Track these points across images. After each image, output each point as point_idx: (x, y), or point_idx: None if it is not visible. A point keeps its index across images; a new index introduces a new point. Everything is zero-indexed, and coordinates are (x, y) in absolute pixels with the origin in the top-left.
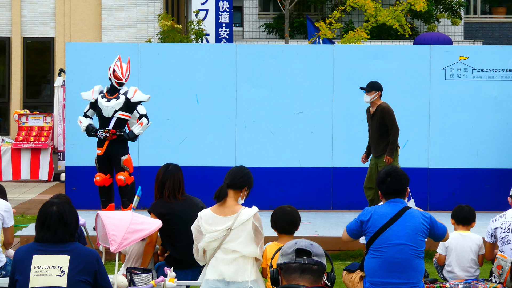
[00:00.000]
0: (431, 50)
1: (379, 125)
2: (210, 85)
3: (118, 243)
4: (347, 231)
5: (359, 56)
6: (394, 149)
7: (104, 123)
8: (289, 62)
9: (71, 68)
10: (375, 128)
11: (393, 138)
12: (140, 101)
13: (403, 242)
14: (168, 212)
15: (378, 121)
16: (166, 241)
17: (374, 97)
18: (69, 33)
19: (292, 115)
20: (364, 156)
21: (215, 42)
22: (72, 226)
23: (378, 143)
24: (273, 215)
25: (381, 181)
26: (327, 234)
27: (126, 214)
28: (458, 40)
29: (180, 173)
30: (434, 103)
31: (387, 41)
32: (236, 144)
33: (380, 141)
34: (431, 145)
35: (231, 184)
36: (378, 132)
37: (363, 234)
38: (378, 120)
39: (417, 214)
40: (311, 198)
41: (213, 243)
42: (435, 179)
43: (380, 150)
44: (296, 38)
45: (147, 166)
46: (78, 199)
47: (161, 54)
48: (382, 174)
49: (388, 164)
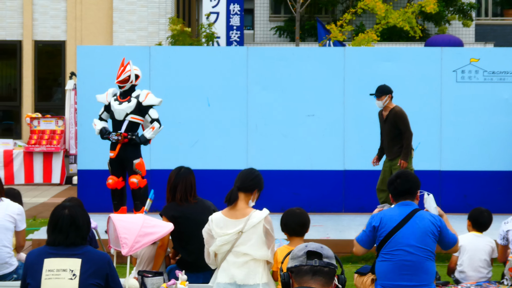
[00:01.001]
0: (442, 52)
1: (392, 129)
2: (221, 88)
3: (130, 246)
4: (359, 244)
5: (369, 58)
6: (408, 153)
7: (116, 126)
8: (300, 64)
9: (82, 71)
10: (387, 132)
11: (407, 142)
12: (152, 105)
13: (414, 244)
14: (180, 215)
15: (391, 125)
16: (177, 244)
17: (386, 101)
18: (80, 36)
19: (303, 117)
20: (375, 158)
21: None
22: (83, 229)
23: (391, 146)
24: (283, 217)
25: (390, 183)
26: (338, 237)
27: (138, 217)
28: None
29: (192, 176)
30: (446, 105)
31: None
32: (247, 147)
33: (393, 144)
34: (443, 147)
35: (242, 187)
36: (390, 135)
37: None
38: (391, 124)
39: (427, 216)
40: (323, 200)
41: (224, 246)
42: (447, 181)
43: (393, 153)
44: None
45: (159, 169)
46: (90, 202)
47: (172, 57)
48: (392, 176)
49: (402, 168)
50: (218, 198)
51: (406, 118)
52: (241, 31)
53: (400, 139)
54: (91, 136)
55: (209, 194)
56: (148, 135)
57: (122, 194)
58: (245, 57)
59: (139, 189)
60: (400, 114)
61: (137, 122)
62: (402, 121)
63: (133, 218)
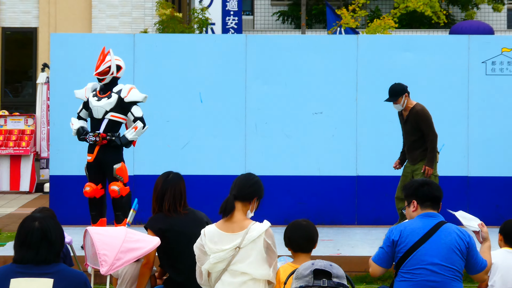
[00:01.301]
0: (469, 41)
1: (413, 130)
2: (216, 82)
3: (110, 264)
4: (376, 263)
5: (386, 48)
6: (434, 158)
7: (95, 125)
8: (306, 55)
9: (56, 62)
10: (409, 133)
11: (432, 146)
12: (136, 101)
13: (439, 262)
14: (168, 228)
15: (411, 126)
16: (165, 262)
17: (404, 102)
18: (54, 22)
19: (310, 116)
20: (397, 162)
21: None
22: (56, 245)
23: (413, 149)
24: (287, 230)
25: (419, 186)
26: (351, 253)
27: (119, 231)
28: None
29: (182, 183)
30: (473, 101)
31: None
32: (246, 150)
33: (415, 148)
34: (471, 149)
35: (239, 196)
36: (412, 138)
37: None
38: (412, 125)
39: (454, 230)
40: (333, 211)
41: (219, 264)
42: (475, 189)
43: (416, 157)
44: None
45: (144, 175)
46: (64, 213)
47: (159, 47)
48: (419, 181)
49: (427, 175)
50: (212, 208)
51: (429, 117)
52: (239, 16)
53: (423, 141)
54: (66, 136)
55: (202, 204)
56: (129, 136)
57: (101, 204)
58: (243, 47)
59: (121, 198)
60: (422, 113)
61: (118, 121)
62: (424, 121)
63: (114, 231)
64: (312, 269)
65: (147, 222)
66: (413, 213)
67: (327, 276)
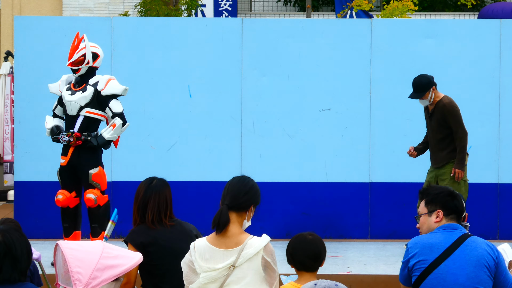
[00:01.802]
0: (501, 26)
1: (439, 127)
2: (207, 74)
3: (85, 283)
4: (402, 282)
5: (405, 34)
6: (464, 159)
7: (69, 123)
8: (312, 42)
9: (21, 50)
10: (434, 130)
11: (461, 145)
12: (114, 94)
13: (464, 282)
14: (151, 242)
15: (437, 122)
16: (148, 281)
17: (431, 96)
18: (19, 3)
19: (316, 112)
20: (412, 148)
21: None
22: (22, 261)
23: (438, 149)
24: (290, 245)
25: (448, 196)
26: (363, 272)
27: (96, 245)
28: None
29: (168, 190)
30: (506, 97)
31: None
32: (242, 152)
33: (441, 147)
34: (502, 152)
35: (233, 206)
36: (438, 136)
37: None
38: (438, 120)
39: (481, 244)
40: (342, 223)
41: (210, 285)
42: (507, 198)
43: (441, 159)
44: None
45: (124, 181)
46: (31, 225)
47: (141, 32)
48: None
49: (458, 179)
50: (202, 220)
51: (459, 112)
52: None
53: (449, 141)
54: (33, 137)
55: (190, 215)
56: (107, 135)
57: (75, 215)
58: (239, 32)
59: (98, 208)
60: (450, 107)
61: (96, 118)
62: (453, 116)
63: (89, 246)
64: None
65: (128, 235)
66: (434, 224)
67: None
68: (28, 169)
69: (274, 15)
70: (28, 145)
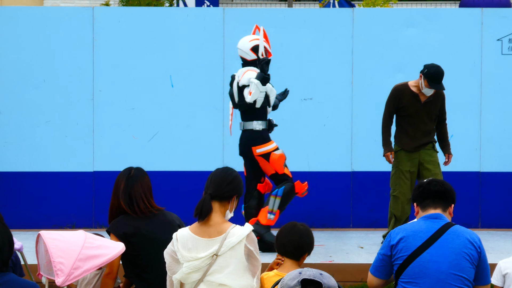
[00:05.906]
0: (482, 15)
1: (434, 117)
2: (189, 63)
3: (67, 273)
4: (372, 273)
5: (386, 23)
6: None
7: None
8: (293, 32)
9: (2, 41)
10: (431, 118)
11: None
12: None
13: (446, 270)
14: (133, 232)
15: (433, 112)
16: (130, 271)
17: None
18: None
19: (298, 102)
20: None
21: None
22: (4, 252)
23: (425, 136)
24: (280, 234)
25: (416, 187)
26: (344, 261)
27: (78, 235)
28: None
29: (147, 179)
30: (487, 85)
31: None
32: (223, 142)
33: (429, 134)
34: (483, 141)
35: (216, 195)
36: (433, 124)
37: (393, 264)
38: (433, 110)
39: (463, 233)
40: (324, 212)
41: (193, 274)
42: (488, 187)
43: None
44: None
45: (106, 171)
46: (13, 215)
47: (123, 22)
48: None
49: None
50: (184, 210)
51: None
52: None
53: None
54: (16, 127)
55: (172, 205)
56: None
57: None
58: (220, 22)
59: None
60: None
61: None
62: (445, 103)
63: (71, 236)
64: (299, 279)
65: (110, 225)
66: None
67: (317, 286)
68: (9, 159)
69: (256, 5)
70: (9, 136)
